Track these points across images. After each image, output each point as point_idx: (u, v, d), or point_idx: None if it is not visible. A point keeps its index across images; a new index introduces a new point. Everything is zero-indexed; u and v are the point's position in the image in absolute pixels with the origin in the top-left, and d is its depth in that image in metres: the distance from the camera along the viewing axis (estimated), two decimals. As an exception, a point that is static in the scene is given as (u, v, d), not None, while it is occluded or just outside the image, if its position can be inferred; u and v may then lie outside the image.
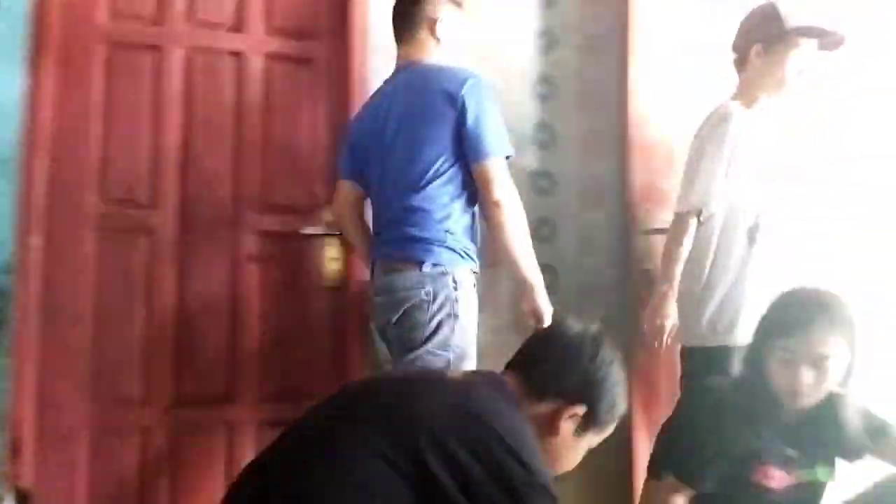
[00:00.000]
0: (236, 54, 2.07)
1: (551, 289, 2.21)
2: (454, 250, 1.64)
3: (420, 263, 1.61)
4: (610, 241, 2.28)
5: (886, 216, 2.26)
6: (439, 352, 1.59)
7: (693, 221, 1.76)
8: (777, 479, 1.49)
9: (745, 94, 1.85)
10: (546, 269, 2.21)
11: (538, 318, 1.69)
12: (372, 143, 1.74)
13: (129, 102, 2.01)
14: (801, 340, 1.41)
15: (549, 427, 1.10)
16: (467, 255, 1.67)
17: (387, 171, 1.70)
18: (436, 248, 1.62)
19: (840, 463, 1.56)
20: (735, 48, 1.90)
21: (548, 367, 1.15)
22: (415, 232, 1.62)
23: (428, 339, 1.59)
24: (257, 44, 2.09)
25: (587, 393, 1.12)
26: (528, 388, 1.12)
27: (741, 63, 1.87)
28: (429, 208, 1.63)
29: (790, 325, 1.43)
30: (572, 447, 1.14)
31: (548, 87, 2.24)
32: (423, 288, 1.60)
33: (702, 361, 1.79)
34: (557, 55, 2.26)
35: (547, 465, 1.03)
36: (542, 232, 2.22)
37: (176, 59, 2.03)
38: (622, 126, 2.23)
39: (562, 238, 2.24)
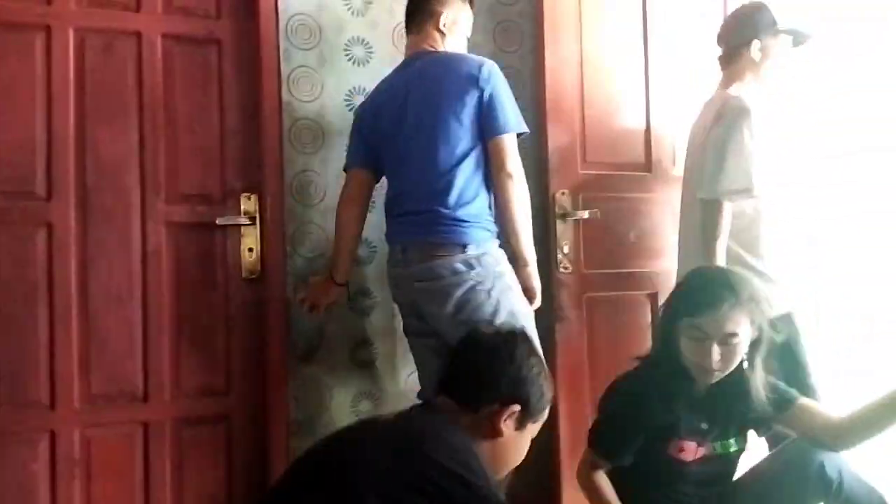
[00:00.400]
0: (134, 34, 1.96)
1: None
2: (487, 230, 1.72)
3: (462, 247, 1.67)
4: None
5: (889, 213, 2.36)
6: (506, 321, 1.66)
7: (728, 205, 1.82)
8: (690, 451, 1.55)
9: (739, 84, 1.94)
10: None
11: (532, 294, 1.77)
12: (389, 129, 1.78)
13: (18, 86, 1.87)
14: (709, 320, 1.46)
15: (492, 431, 1.16)
16: (495, 232, 1.75)
17: (412, 155, 1.74)
18: (472, 230, 1.69)
19: (752, 434, 1.65)
20: (725, 41, 1.99)
21: (474, 379, 1.21)
22: (451, 213, 1.67)
23: (494, 315, 1.65)
24: (156, 23, 1.98)
25: (517, 392, 1.18)
26: (462, 404, 1.18)
27: (732, 55, 1.96)
28: (460, 188, 1.69)
29: (699, 305, 1.48)
30: (517, 442, 1.20)
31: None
32: (472, 270, 1.67)
33: None
34: (472, 40, 2.24)
35: (495, 469, 1.12)
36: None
37: (68, 40, 1.90)
38: (538, 110, 2.24)
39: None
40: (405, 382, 2.16)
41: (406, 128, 1.74)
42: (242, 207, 2.02)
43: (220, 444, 2.03)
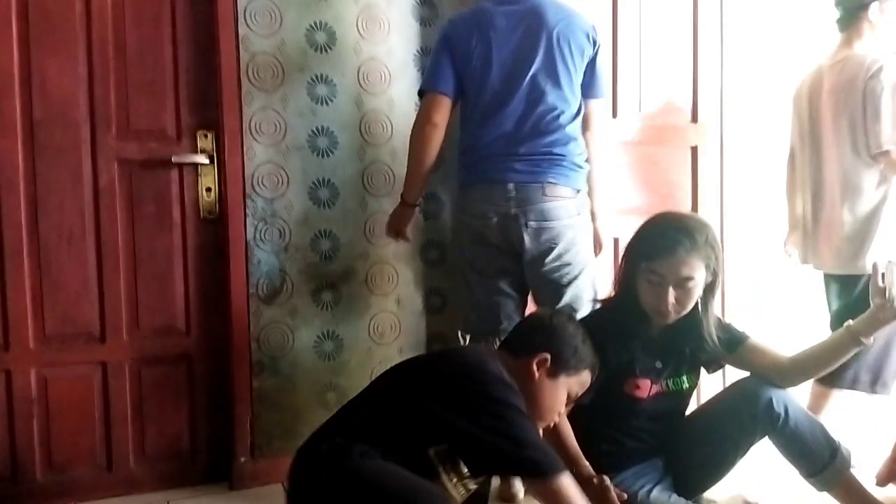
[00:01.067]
0: (80, -40, 1.85)
1: (437, 215, 2.23)
2: (584, 179, 1.86)
3: (577, 191, 1.82)
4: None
5: None
6: (592, 267, 1.88)
7: None
8: (645, 388, 1.59)
9: (860, 43, 2.02)
10: (431, 196, 2.21)
11: (601, 247, 1.96)
12: (492, 64, 1.79)
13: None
14: (665, 263, 1.48)
15: (526, 374, 1.35)
16: None
17: (530, 96, 1.78)
18: (582, 177, 1.83)
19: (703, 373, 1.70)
20: (843, 5, 2.04)
21: (519, 336, 1.46)
22: (572, 159, 1.79)
23: (586, 259, 1.84)
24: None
25: (548, 342, 1.39)
26: (508, 353, 1.42)
27: (851, 18, 2.03)
28: (576, 137, 1.81)
29: (656, 250, 1.50)
30: (551, 391, 1.37)
31: (429, 11, 2.17)
32: (580, 214, 1.82)
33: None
34: (440, 8, 2.18)
35: (532, 415, 1.28)
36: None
37: (7, -37, 1.79)
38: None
39: (448, 165, 2.23)
40: (369, 325, 2.16)
41: (516, 68, 1.77)
42: (199, 145, 1.97)
43: (181, 384, 2.03)
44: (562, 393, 1.38)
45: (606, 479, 1.42)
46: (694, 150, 2.42)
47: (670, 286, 1.49)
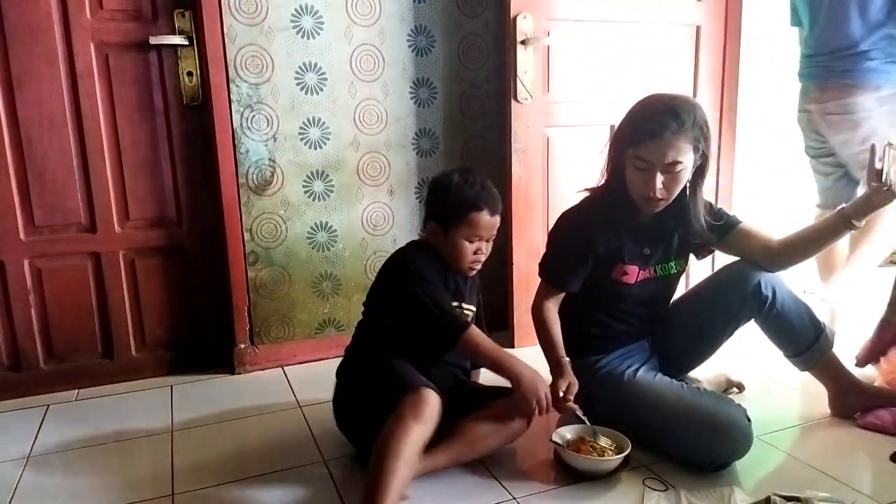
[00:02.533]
0: None
1: (429, 102, 2.17)
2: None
3: (876, 89, 2.00)
4: (488, 51, 2.20)
5: None
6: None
7: None
8: (633, 274, 1.59)
9: None
10: (423, 82, 2.14)
11: None
12: None
13: None
14: (652, 148, 1.43)
15: (432, 238, 1.53)
16: None
17: (836, 5, 2.01)
18: (888, 77, 2.00)
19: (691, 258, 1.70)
20: None
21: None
22: (873, 64, 1.99)
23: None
24: None
25: (429, 210, 1.56)
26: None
27: None
28: (881, 46, 1.98)
29: (642, 134, 1.44)
30: (448, 246, 1.50)
31: None
32: (880, 108, 2.00)
33: None
34: None
35: (447, 262, 1.52)
36: (419, 43, 2.10)
37: None
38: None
39: (440, 49, 2.14)
40: (362, 215, 2.15)
41: None
42: (177, 25, 1.87)
43: (176, 275, 2.04)
44: (459, 244, 1.49)
45: (567, 359, 1.56)
46: (697, 29, 2.32)
47: (658, 172, 1.45)
